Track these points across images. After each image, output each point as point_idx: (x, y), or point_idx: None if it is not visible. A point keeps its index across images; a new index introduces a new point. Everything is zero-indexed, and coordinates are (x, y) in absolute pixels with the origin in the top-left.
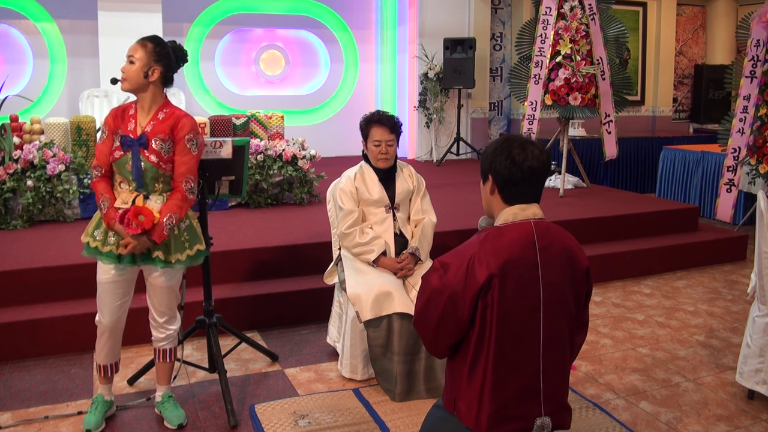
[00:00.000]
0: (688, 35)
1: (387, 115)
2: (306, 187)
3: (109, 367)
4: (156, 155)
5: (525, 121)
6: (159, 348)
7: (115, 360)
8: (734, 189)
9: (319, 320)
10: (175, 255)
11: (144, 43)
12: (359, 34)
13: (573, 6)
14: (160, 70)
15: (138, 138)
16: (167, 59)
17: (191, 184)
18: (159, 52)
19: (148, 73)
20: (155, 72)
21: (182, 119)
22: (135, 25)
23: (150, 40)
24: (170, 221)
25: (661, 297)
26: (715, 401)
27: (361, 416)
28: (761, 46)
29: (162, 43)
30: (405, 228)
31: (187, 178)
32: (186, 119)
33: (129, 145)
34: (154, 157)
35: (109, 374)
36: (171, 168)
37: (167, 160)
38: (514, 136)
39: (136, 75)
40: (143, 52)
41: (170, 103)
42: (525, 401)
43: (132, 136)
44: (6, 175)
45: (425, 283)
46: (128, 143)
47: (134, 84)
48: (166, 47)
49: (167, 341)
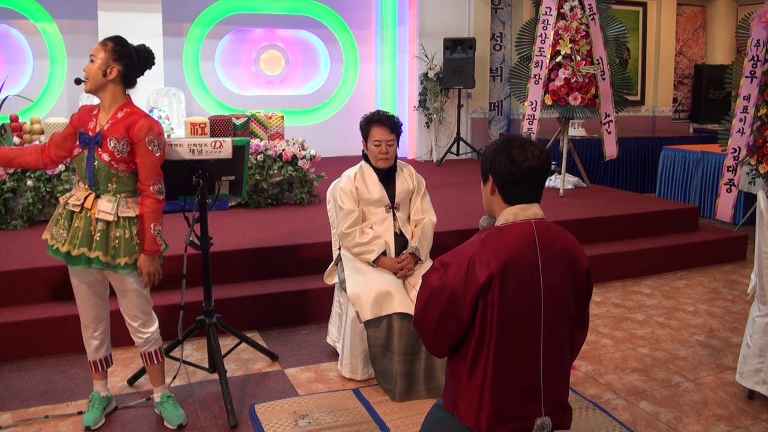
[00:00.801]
0: (688, 35)
1: (387, 115)
2: (306, 187)
3: (99, 362)
4: (109, 154)
5: (525, 121)
6: (144, 352)
7: (104, 355)
8: (734, 189)
9: (319, 320)
10: (124, 258)
11: (105, 43)
12: (359, 34)
13: (573, 6)
14: (119, 69)
15: (94, 136)
16: (128, 59)
17: (158, 185)
18: (119, 51)
19: (107, 72)
20: (113, 70)
21: (139, 121)
22: (135, 25)
23: (111, 40)
24: (156, 229)
25: (661, 297)
26: (715, 401)
27: (361, 416)
28: (761, 46)
29: (124, 43)
30: (405, 228)
31: (153, 181)
32: (144, 120)
33: (86, 143)
34: (106, 156)
35: (101, 369)
36: (125, 169)
37: (120, 160)
38: (514, 136)
39: (95, 73)
40: (103, 51)
41: (131, 104)
42: (525, 401)
43: (90, 134)
44: (6, 175)
45: (425, 283)
46: (85, 141)
47: (94, 83)
48: (127, 47)
49: (149, 344)
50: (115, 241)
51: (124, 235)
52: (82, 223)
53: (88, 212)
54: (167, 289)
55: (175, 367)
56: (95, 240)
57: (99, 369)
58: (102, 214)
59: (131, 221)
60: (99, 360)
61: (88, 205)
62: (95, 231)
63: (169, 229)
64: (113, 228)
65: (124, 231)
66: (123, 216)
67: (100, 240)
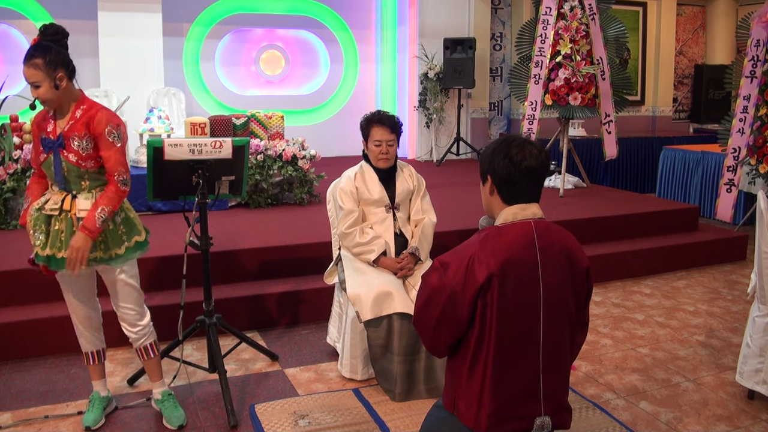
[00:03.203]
0: (688, 35)
1: (387, 115)
2: (306, 187)
3: (91, 354)
4: (75, 154)
5: (525, 121)
6: (140, 348)
7: (96, 348)
8: (734, 189)
9: (319, 320)
10: (114, 250)
11: (34, 63)
12: (359, 34)
13: (573, 6)
14: (63, 72)
15: (56, 139)
16: (61, 56)
17: (124, 176)
18: (52, 61)
19: (58, 84)
20: (62, 78)
21: (97, 114)
22: (135, 25)
23: (36, 56)
24: (102, 214)
25: (661, 297)
26: (715, 401)
27: (361, 416)
28: (761, 46)
29: (45, 47)
30: (405, 228)
31: (118, 171)
32: (101, 113)
33: (50, 147)
34: (72, 156)
35: (93, 361)
36: (93, 165)
37: (87, 158)
38: (513, 136)
39: (50, 94)
40: (41, 71)
41: (86, 98)
42: (525, 401)
43: (51, 137)
44: (6, 175)
45: (425, 282)
46: (48, 145)
47: (55, 101)
48: (51, 50)
49: (144, 338)
50: (101, 236)
51: (109, 228)
52: (64, 225)
53: (68, 214)
54: (167, 289)
55: (175, 367)
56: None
57: (90, 361)
58: (83, 213)
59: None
60: (92, 352)
61: (67, 206)
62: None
63: (169, 229)
64: None
65: (108, 224)
66: None
67: None
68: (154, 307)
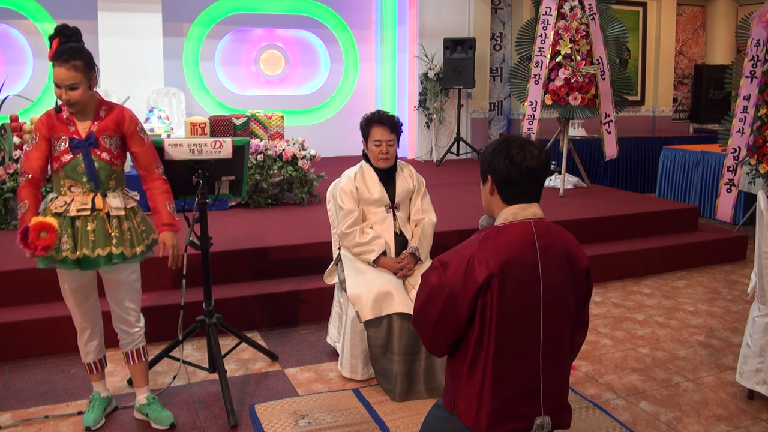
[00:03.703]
0: (688, 35)
1: (387, 115)
2: (306, 187)
3: (95, 364)
4: (107, 153)
5: (525, 121)
6: (131, 350)
7: (101, 356)
8: (734, 189)
9: (319, 320)
10: (137, 247)
11: (74, 65)
12: (359, 34)
13: (573, 6)
14: (96, 73)
15: (86, 138)
16: (92, 59)
17: (162, 167)
18: (88, 62)
19: (91, 85)
20: (94, 79)
21: (126, 113)
22: (135, 25)
23: (75, 58)
24: (171, 206)
25: (661, 297)
26: (715, 401)
27: (361, 416)
28: (761, 46)
29: (80, 49)
30: (405, 228)
31: (157, 164)
32: (127, 112)
33: (78, 147)
34: (105, 154)
35: (98, 370)
36: (120, 163)
37: (117, 156)
38: (513, 136)
39: (85, 96)
40: (79, 74)
41: (103, 99)
42: (525, 400)
43: (78, 137)
44: (6, 175)
45: (425, 282)
46: (77, 145)
47: (86, 102)
48: (84, 51)
49: (137, 341)
50: (128, 233)
51: (133, 225)
52: (96, 224)
53: (100, 212)
54: (167, 289)
55: (175, 367)
56: (114, 237)
57: (95, 370)
58: (115, 211)
59: (134, 211)
60: (94, 362)
61: (99, 205)
62: (111, 228)
63: None
64: (124, 221)
65: (132, 222)
66: (128, 208)
67: (119, 236)
68: (154, 307)
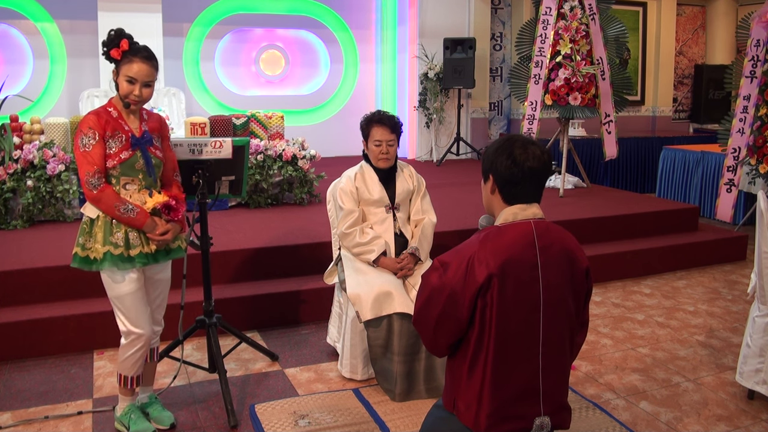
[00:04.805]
0: (688, 35)
1: (388, 115)
2: (306, 187)
3: (133, 379)
4: (159, 151)
5: (525, 121)
6: (153, 348)
7: (142, 371)
8: (734, 189)
9: (319, 320)
10: (177, 241)
11: (155, 64)
12: (359, 34)
13: (573, 6)
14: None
15: (142, 136)
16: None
17: (180, 177)
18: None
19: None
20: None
21: (160, 117)
22: (135, 25)
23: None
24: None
25: (661, 297)
26: (715, 401)
27: (361, 416)
28: (761, 46)
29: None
30: (405, 228)
31: (177, 172)
32: (161, 115)
33: (137, 144)
34: (159, 152)
35: (134, 385)
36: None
37: (163, 156)
38: (516, 136)
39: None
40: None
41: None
42: (524, 401)
43: (135, 134)
44: (6, 175)
45: (425, 282)
46: (137, 142)
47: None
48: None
49: (156, 340)
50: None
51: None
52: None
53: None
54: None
55: (175, 367)
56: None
57: (133, 385)
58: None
59: None
60: (135, 376)
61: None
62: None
63: None
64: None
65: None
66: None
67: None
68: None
